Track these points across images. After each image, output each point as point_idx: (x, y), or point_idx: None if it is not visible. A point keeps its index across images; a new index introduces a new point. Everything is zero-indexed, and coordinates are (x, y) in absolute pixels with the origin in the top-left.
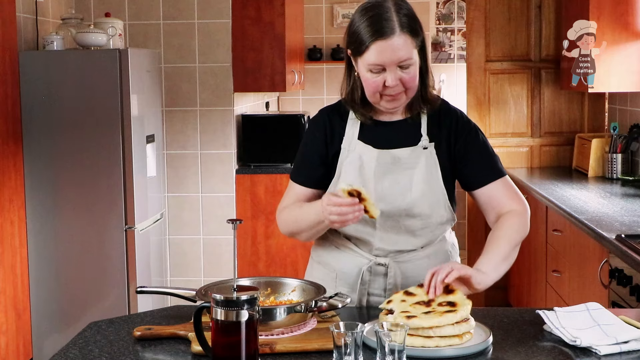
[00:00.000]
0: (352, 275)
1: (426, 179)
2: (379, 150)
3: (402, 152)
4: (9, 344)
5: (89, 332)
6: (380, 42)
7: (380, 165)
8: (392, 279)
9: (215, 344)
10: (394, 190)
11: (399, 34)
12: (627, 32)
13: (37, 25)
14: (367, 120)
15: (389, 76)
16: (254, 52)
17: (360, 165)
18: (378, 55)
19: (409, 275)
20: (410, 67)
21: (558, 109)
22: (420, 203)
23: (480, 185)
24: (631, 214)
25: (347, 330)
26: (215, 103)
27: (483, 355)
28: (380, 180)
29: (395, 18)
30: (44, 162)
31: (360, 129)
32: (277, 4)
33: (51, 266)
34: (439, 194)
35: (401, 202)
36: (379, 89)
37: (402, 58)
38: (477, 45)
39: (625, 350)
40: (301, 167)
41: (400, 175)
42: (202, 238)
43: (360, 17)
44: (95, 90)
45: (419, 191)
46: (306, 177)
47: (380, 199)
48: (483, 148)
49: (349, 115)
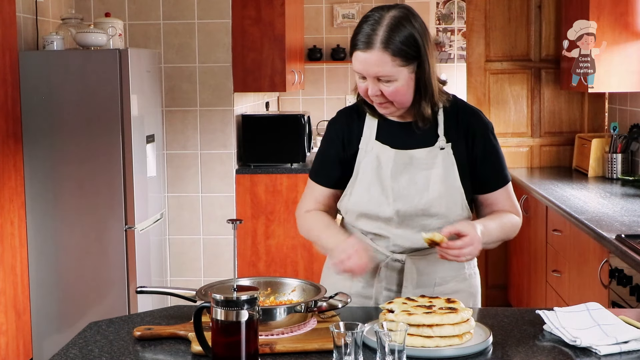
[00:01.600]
0: (370, 273)
1: (443, 179)
2: (396, 150)
3: (419, 153)
4: (9, 344)
5: (89, 332)
6: (360, 53)
7: (397, 165)
8: (408, 275)
9: (215, 344)
10: (411, 190)
11: (378, 50)
12: (627, 32)
13: (37, 25)
14: (379, 117)
15: (369, 85)
16: (254, 52)
17: (377, 165)
18: (358, 64)
19: (425, 272)
20: (391, 83)
21: (558, 109)
22: (437, 203)
23: (489, 192)
24: (631, 214)
25: (347, 330)
26: (215, 103)
27: (483, 355)
28: (397, 180)
29: (381, 33)
30: (44, 162)
31: (377, 129)
32: (277, 4)
33: (51, 266)
34: (456, 195)
35: (418, 201)
36: (364, 94)
37: (378, 73)
38: (477, 45)
39: (625, 350)
40: (320, 168)
41: (418, 175)
42: (202, 238)
43: (362, 21)
44: (95, 90)
45: (436, 191)
46: (325, 178)
47: (397, 199)
48: (496, 152)
49: (367, 115)
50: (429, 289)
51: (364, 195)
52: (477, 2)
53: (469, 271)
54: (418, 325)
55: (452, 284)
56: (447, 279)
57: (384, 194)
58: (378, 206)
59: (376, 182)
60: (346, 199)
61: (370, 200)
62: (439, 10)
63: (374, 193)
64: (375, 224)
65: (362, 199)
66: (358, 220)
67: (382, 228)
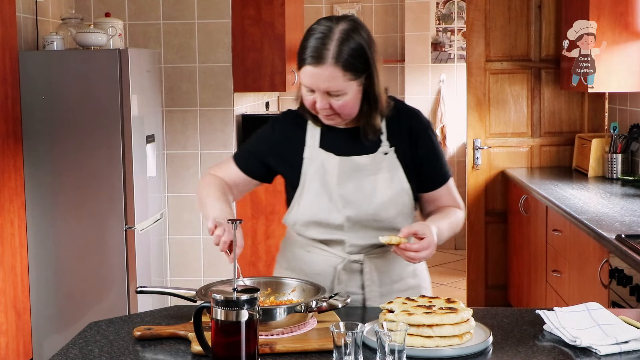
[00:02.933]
0: (328, 276)
1: (390, 184)
2: (341, 157)
3: (363, 159)
4: (9, 344)
5: (89, 332)
6: (310, 68)
7: (343, 172)
8: (368, 275)
9: (215, 344)
10: (359, 196)
11: (330, 64)
12: (627, 32)
13: (37, 25)
14: (321, 125)
15: (318, 99)
16: (254, 52)
17: (323, 173)
18: (307, 78)
19: (383, 270)
20: (340, 97)
21: (558, 109)
22: (386, 208)
23: (432, 189)
24: (631, 214)
25: (347, 330)
26: (215, 103)
27: (483, 355)
28: (345, 187)
29: (332, 48)
30: (44, 162)
31: (321, 137)
32: (277, 4)
33: (51, 266)
34: (404, 197)
35: (367, 207)
36: (312, 107)
37: (329, 88)
38: (477, 45)
39: (625, 350)
40: (244, 155)
41: (364, 181)
42: (202, 238)
43: (309, 34)
44: (95, 90)
45: (384, 196)
46: (245, 165)
47: (346, 205)
48: (437, 150)
49: (308, 123)
50: (388, 286)
51: (313, 203)
52: (477, 2)
53: (420, 266)
54: (418, 325)
55: (408, 280)
56: (403, 275)
57: (332, 201)
58: (328, 214)
59: (323, 191)
60: (295, 210)
61: (320, 208)
62: (439, 10)
63: (323, 201)
64: (327, 231)
65: (312, 208)
66: (308, 229)
67: (335, 234)
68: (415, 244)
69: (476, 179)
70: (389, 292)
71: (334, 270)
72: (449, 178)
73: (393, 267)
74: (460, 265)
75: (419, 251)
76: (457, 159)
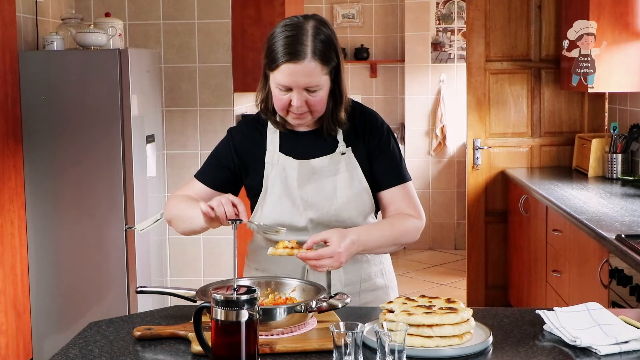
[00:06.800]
0: (297, 275)
1: (349, 184)
2: (299, 161)
3: (321, 162)
4: (9, 344)
5: (89, 332)
6: (290, 65)
7: (303, 175)
8: (335, 274)
9: (215, 344)
10: (320, 198)
11: (310, 59)
12: (627, 32)
13: (37, 25)
14: (283, 128)
15: (295, 97)
16: (254, 52)
17: (285, 177)
18: (286, 76)
19: (350, 270)
20: (317, 92)
21: (558, 109)
22: (347, 208)
23: (385, 188)
24: (631, 214)
25: (347, 330)
26: (215, 103)
27: (483, 355)
28: (305, 190)
29: (309, 43)
30: (44, 162)
31: (280, 141)
32: (277, 4)
33: (51, 266)
34: (364, 196)
35: (329, 209)
36: (285, 107)
37: (309, 84)
38: (477, 45)
39: (625, 350)
40: (207, 169)
41: (324, 183)
42: (202, 238)
43: (279, 33)
44: (95, 90)
45: (345, 197)
46: (209, 178)
47: (308, 208)
48: (392, 151)
49: (268, 127)
50: (356, 285)
51: (276, 207)
52: (477, 2)
53: (387, 267)
54: (418, 325)
55: (376, 280)
56: (370, 275)
57: (295, 204)
58: (291, 217)
59: (285, 194)
60: (258, 214)
61: (283, 211)
62: (439, 10)
63: (285, 205)
64: (291, 233)
65: (275, 212)
66: None
67: (299, 235)
68: (312, 251)
69: (476, 179)
70: (357, 291)
71: (302, 270)
72: (405, 181)
73: (361, 265)
74: (460, 265)
75: (318, 259)
76: (457, 159)
